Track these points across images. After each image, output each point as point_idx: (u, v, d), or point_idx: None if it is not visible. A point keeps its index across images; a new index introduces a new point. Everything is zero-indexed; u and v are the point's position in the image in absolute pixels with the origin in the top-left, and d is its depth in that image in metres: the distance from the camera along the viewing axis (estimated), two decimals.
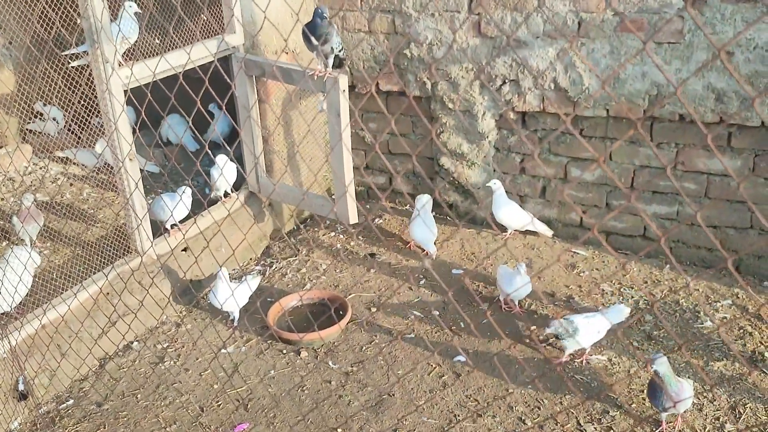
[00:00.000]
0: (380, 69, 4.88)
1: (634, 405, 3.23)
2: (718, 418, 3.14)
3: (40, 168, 5.48)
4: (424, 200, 4.57)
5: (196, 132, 5.60)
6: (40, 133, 5.54)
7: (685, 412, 3.13)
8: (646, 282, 4.14)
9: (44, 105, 5.44)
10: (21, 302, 3.62)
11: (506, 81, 4.45)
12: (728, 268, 3.99)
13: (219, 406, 3.44)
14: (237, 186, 4.80)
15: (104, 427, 3.33)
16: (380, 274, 4.43)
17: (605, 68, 4.11)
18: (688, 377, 3.36)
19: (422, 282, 4.30)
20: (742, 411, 3.16)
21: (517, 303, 3.96)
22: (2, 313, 3.54)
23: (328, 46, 3.90)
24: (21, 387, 3.17)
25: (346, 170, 4.07)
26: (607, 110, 4.20)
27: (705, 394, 3.26)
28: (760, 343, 3.57)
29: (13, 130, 5.70)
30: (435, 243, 4.61)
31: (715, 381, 3.33)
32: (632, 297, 4.00)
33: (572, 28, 4.09)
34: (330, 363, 3.69)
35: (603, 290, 4.09)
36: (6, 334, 3.25)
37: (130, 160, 3.86)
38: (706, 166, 4.07)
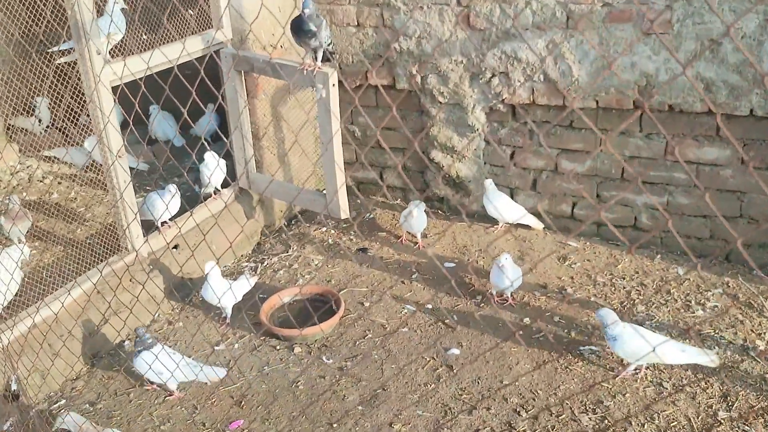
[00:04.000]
0: (370, 63, 4.86)
1: (628, 395, 3.25)
2: (711, 406, 3.16)
3: (27, 167, 5.43)
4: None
5: (194, 125, 5.56)
6: (26, 131, 5.48)
7: (675, 397, 3.15)
8: (637, 272, 4.16)
9: (35, 103, 5.39)
10: (11, 301, 3.59)
11: (496, 73, 4.44)
12: (718, 257, 4.02)
13: (213, 403, 3.42)
14: (227, 182, 4.77)
15: (98, 426, 3.30)
16: (373, 268, 4.42)
17: (594, 59, 4.12)
18: (681, 366, 3.38)
19: (415, 276, 4.30)
20: (734, 399, 3.19)
21: (510, 295, 3.97)
22: None
23: (316, 41, 3.88)
24: (14, 387, 3.14)
25: (337, 165, 4.05)
26: (597, 101, 4.21)
27: (698, 383, 3.28)
28: (752, 331, 3.60)
29: (0, 128, 5.64)
30: (425, 237, 4.63)
31: (708, 370, 3.34)
32: (624, 288, 4.02)
33: (561, 19, 4.09)
34: (324, 358, 3.68)
35: (595, 281, 4.10)
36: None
37: (120, 157, 3.82)
38: (695, 155, 4.09)
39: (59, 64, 3.93)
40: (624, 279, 4.11)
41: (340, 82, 4.94)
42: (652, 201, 4.31)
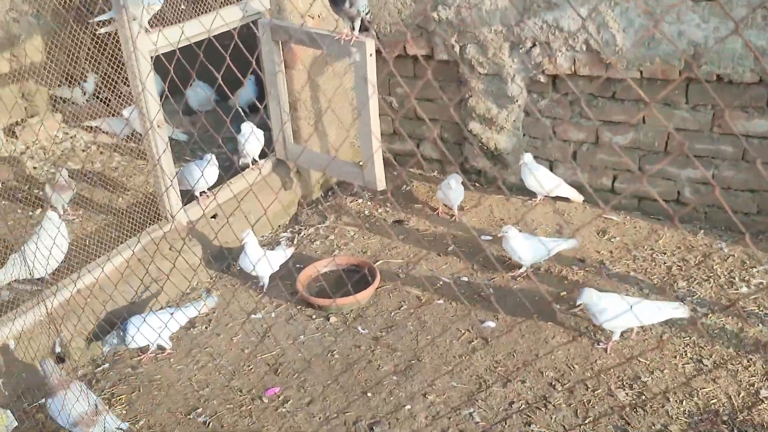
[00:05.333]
0: (407, 33, 4.80)
1: (666, 371, 3.20)
2: (752, 384, 3.09)
3: (71, 137, 5.53)
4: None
5: (232, 96, 5.59)
6: (67, 101, 5.58)
7: (715, 374, 3.09)
8: (679, 247, 4.06)
9: (84, 79, 5.47)
10: (57, 268, 3.68)
11: (536, 43, 4.35)
12: (766, 232, 3.90)
13: (250, 369, 3.48)
14: (265, 153, 4.79)
15: (139, 390, 3.39)
16: (408, 240, 4.41)
17: (639, 28, 3.99)
18: (723, 343, 3.31)
19: (450, 248, 4.28)
20: None
21: (525, 267, 3.95)
22: (38, 279, 3.60)
23: (354, 9, 3.83)
24: (58, 350, 3.24)
25: (373, 136, 4.03)
26: (641, 72, 4.09)
27: (740, 360, 3.21)
28: None
29: (44, 99, 5.75)
30: (463, 209, 4.60)
31: (750, 347, 3.27)
32: (665, 263, 3.94)
33: None
34: (359, 328, 3.70)
35: (635, 256, 4.02)
36: (43, 298, 3.32)
37: (159, 126, 3.86)
38: (744, 128, 3.95)
39: (100, 34, 3.97)
40: (665, 254, 4.02)
41: (377, 51, 4.90)
42: (697, 174, 4.19)
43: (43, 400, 3.04)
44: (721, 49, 3.80)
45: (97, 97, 5.63)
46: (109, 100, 5.15)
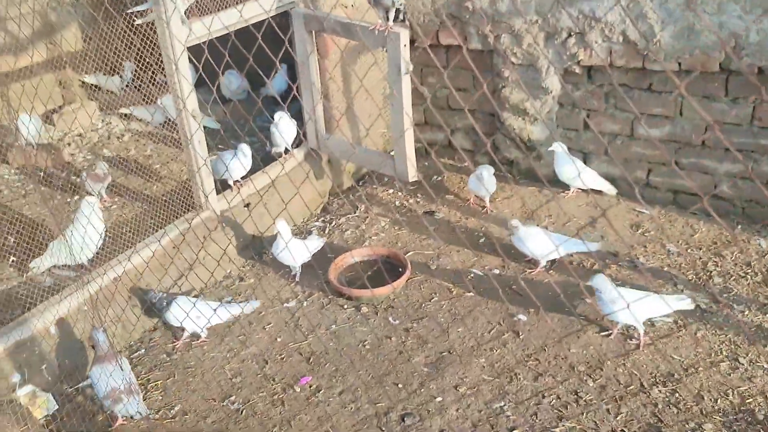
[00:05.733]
0: (441, 22, 4.77)
1: (701, 369, 3.17)
2: None
3: (107, 124, 5.61)
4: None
5: (266, 85, 5.62)
6: (100, 88, 5.65)
7: (752, 373, 3.05)
8: (715, 243, 4.00)
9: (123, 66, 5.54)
10: (95, 254, 3.75)
11: (572, 34, 4.29)
12: None
13: (282, 358, 3.53)
14: (296, 143, 4.82)
15: (174, 376, 3.46)
16: (439, 231, 4.41)
17: (678, 19, 3.92)
18: (760, 341, 3.27)
19: (482, 240, 4.27)
20: None
21: (545, 263, 3.94)
22: (78, 265, 3.68)
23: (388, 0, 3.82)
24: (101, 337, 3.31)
25: (406, 127, 4.02)
26: (680, 63, 4.02)
27: None
28: None
29: (80, 86, 5.84)
30: (494, 201, 4.58)
31: None
32: (700, 258, 3.88)
33: None
34: (390, 319, 3.72)
35: (669, 251, 3.98)
36: (83, 284, 3.39)
37: (194, 116, 3.90)
38: None
39: (138, 24, 4.01)
40: (700, 249, 3.97)
41: (411, 41, 4.88)
42: (736, 168, 4.11)
43: (90, 369, 3.14)
44: (763, 41, 3.71)
45: (133, 86, 5.70)
46: (145, 88, 5.21)
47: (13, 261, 3.86)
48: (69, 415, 3.10)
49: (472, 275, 3.98)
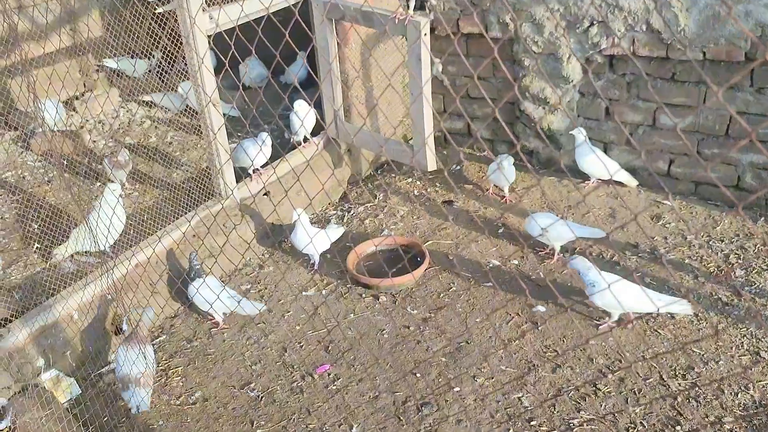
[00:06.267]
0: (461, 10, 4.74)
1: (721, 362, 3.15)
2: None
3: (128, 111, 5.65)
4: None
5: (285, 73, 5.62)
6: (121, 73, 5.67)
7: None
8: (737, 235, 3.96)
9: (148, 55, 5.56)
10: (116, 241, 3.79)
11: (594, 22, 4.24)
12: None
13: (301, 346, 3.55)
14: (315, 131, 4.83)
15: (195, 363, 3.50)
16: (458, 221, 4.41)
17: (704, 8, 3.86)
18: None
19: (501, 230, 4.26)
20: None
21: (556, 250, 3.93)
22: (100, 251, 3.72)
23: None
24: (124, 327, 3.36)
25: (425, 116, 4.01)
26: (704, 53, 3.96)
27: None
28: None
29: (102, 74, 5.87)
30: (513, 190, 4.57)
31: None
32: (722, 251, 3.85)
33: None
34: (408, 308, 3.73)
35: (690, 243, 3.94)
36: (105, 270, 3.43)
37: (214, 105, 3.92)
38: None
39: (158, 13, 4.02)
40: (722, 241, 3.93)
41: (431, 29, 4.86)
42: (760, 159, 4.06)
43: (119, 346, 3.23)
44: None
45: (155, 72, 5.72)
46: (166, 76, 5.23)
47: (37, 248, 3.91)
48: (92, 400, 3.15)
49: (490, 265, 3.98)
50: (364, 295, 3.87)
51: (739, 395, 2.98)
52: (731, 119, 4.06)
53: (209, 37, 3.77)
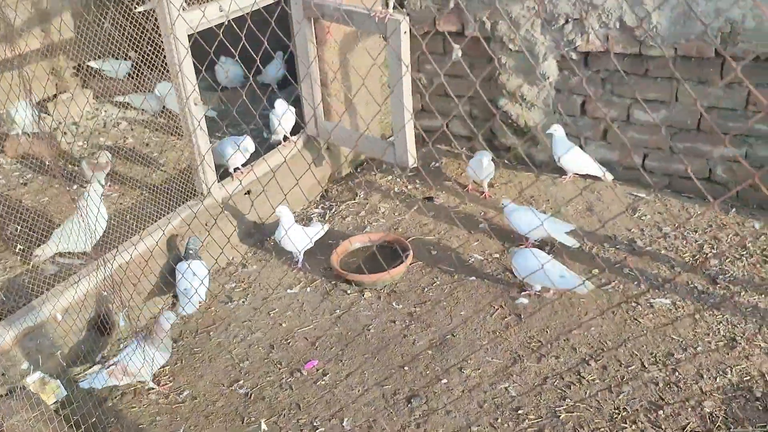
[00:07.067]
0: (438, 9, 4.79)
1: (699, 348, 3.24)
2: None
3: (104, 111, 5.59)
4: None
5: (262, 73, 5.61)
6: (102, 75, 5.61)
7: (749, 351, 3.13)
8: (710, 226, 4.08)
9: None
10: (99, 241, 3.76)
11: (569, 20, 4.33)
12: None
13: (288, 343, 3.57)
14: (296, 130, 4.84)
15: (182, 362, 3.49)
16: (439, 217, 4.46)
17: (675, 5, 3.97)
18: (756, 321, 3.34)
19: (481, 225, 4.32)
20: None
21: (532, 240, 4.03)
22: (82, 252, 3.69)
23: None
24: (122, 323, 3.37)
25: (406, 114, 4.05)
26: (676, 49, 4.07)
27: None
28: None
29: (78, 76, 5.80)
30: (492, 186, 4.63)
31: None
32: (696, 241, 3.96)
33: None
34: (394, 304, 3.77)
35: (665, 234, 4.05)
36: (89, 272, 3.41)
37: (195, 104, 3.91)
38: None
39: (138, 12, 4.00)
40: (696, 232, 4.04)
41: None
42: (730, 152, 4.18)
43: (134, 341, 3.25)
44: (758, 27, 3.77)
45: (133, 74, 5.67)
46: (142, 76, 5.19)
47: (19, 250, 3.86)
48: (79, 401, 3.13)
49: (473, 260, 4.04)
50: (349, 292, 3.90)
51: (718, 379, 3.08)
52: (702, 114, 4.18)
53: (189, 36, 3.77)
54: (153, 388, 3.30)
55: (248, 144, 4.28)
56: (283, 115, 4.62)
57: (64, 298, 3.40)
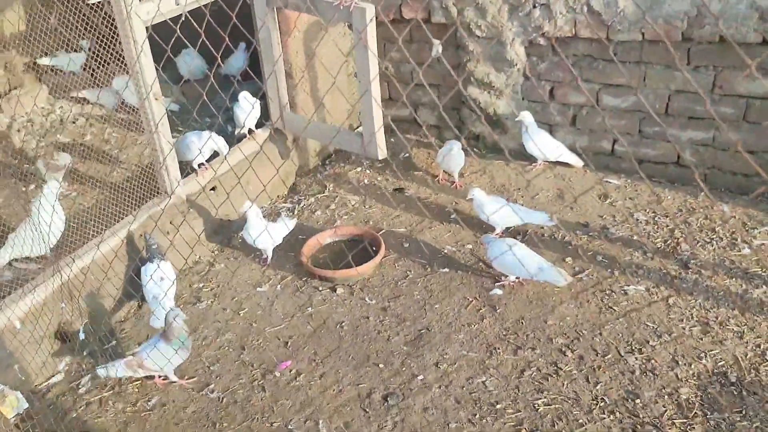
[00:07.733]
0: None
1: (674, 334, 3.24)
2: (759, 345, 3.14)
3: (60, 108, 5.39)
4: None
5: (223, 65, 5.45)
6: (57, 70, 5.40)
7: (722, 336, 3.14)
8: (681, 210, 4.09)
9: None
10: (57, 243, 3.61)
11: (536, 5, 4.28)
12: (766, 194, 3.92)
13: (260, 344, 3.47)
14: (261, 122, 4.71)
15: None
16: (409, 208, 4.39)
17: None
18: (728, 305, 3.35)
19: (453, 216, 4.27)
20: None
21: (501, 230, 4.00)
22: (39, 256, 3.54)
23: None
24: (82, 336, 3.25)
25: (375, 104, 3.97)
26: (643, 33, 4.05)
27: (745, 322, 3.26)
28: None
29: (31, 71, 5.57)
30: (463, 175, 4.58)
31: (755, 309, 3.32)
32: (667, 226, 3.96)
33: None
34: (366, 299, 3.70)
35: (637, 219, 4.04)
36: (48, 277, 3.26)
37: (156, 99, 3.77)
38: (746, 89, 3.94)
39: (91, 4, 3.83)
40: (667, 217, 4.04)
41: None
42: (698, 136, 4.19)
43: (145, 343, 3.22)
44: (724, 9, 3.76)
45: (89, 68, 5.47)
46: (98, 71, 5.00)
47: None
48: (41, 414, 3.00)
49: (445, 251, 3.98)
50: (320, 288, 3.81)
51: (693, 366, 3.08)
52: (670, 98, 4.17)
53: (147, 29, 3.61)
54: (174, 382, 3.26)
55: (212, 136, 4.14)
56: (247, 108, 4.49)
57: (22, 305, 3.26)
